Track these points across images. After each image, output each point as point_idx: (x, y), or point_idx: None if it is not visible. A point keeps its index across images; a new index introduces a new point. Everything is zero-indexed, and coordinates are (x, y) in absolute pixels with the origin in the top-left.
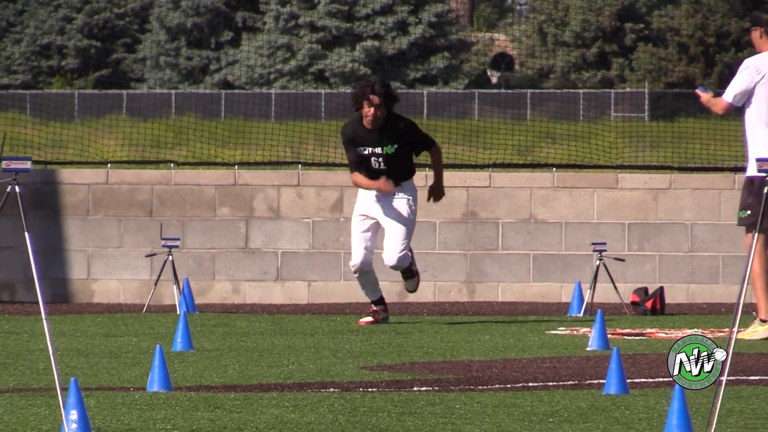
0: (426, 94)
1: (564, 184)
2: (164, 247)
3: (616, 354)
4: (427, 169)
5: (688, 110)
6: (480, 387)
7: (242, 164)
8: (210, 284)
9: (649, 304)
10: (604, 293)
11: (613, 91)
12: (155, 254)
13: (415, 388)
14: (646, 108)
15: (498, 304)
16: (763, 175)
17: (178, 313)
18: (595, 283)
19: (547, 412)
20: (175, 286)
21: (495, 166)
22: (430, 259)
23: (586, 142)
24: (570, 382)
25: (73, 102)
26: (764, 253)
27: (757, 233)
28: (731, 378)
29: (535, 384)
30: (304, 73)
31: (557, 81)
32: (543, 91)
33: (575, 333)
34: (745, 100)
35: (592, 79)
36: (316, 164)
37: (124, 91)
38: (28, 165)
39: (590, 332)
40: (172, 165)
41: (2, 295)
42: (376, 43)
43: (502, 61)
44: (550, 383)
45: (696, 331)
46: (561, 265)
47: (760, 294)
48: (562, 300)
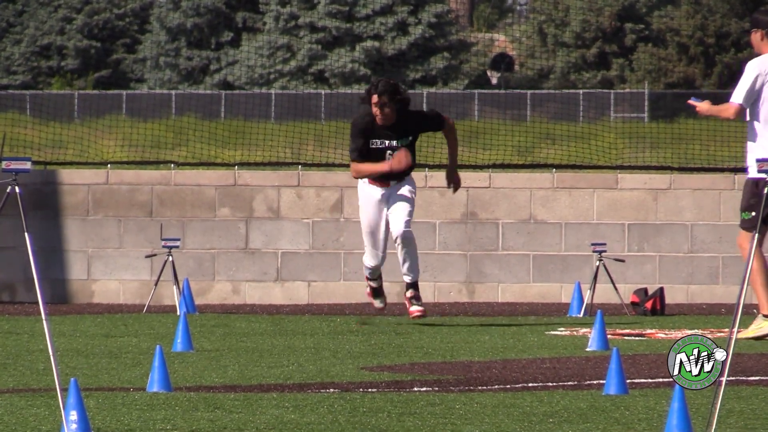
0: (426, 95)
1: (564, 185)
2: (164, 247)
3: (616, 354)
4: (427, 169)
5: (688, 111)
6: (480, 387)
7: (242, 165)
8: (210, 285)
9: (649, 305)
10: (604, 294)
11: (612, 91)
12: (155, 255)
13: (415, 389)
14: (646, 108)
15: (498, 305)
16: (763, 176)
17: (178, 313)
18: (595, 284)
19: (547, 413)
20: (175, 287)
21: (495, 166)
22: (430, 260)
23: (585, 142)
24: (570, 383)
25: (72, 102)
26: (761, 252)
27: (757, 234)
28: (731, 378)
29: (535, 384)
30: (304, 73)
31: (557, 81)
32: (543, 91)
33: (575, 333)
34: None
35: (592, 80)
36: (316, 165)
37: (124, 92)
38: (28, 165)
39: (590, 333)
40: (172, 165)
41: (2, 296)
42: (376, 44)
43: (502, 62)
44: (550, 384)
45: (696, 331)
46: (561, 266)
47: (760, 290)
48: (562, 300)
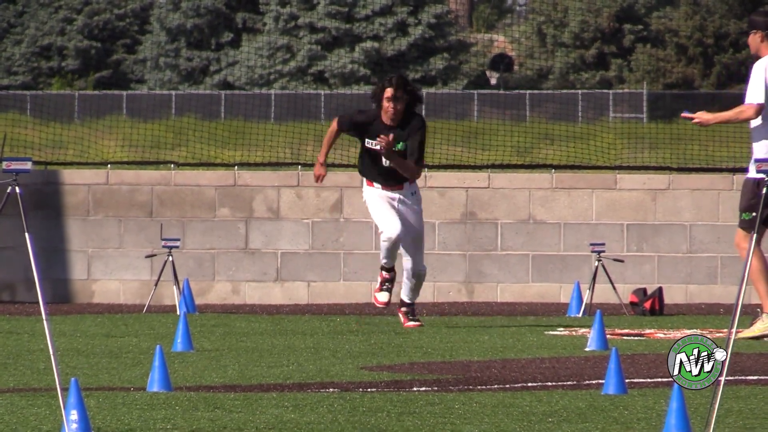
0: (425, 95)
1: (563, 185)
2: (164, 247)
3: (615, 354)
4: (426, 169)
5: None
6: (479, 387)
7: (242, 165)
8: (210, 285)
9: (648, 305)
10: (603, 294)
11: (611, 91)
12: (155, 255)
13: (415, 388)
14: (645, 109)
15: (497, 305)
16: (762, 176)
17: (178, 313)
18: (594, 284)
19: (546, 412)
20: (175, 287)
21: (494, 166)
22: (430, 260)
23: (584, 142)
24: (569, 383)
25: (73, 103)
26: (760, 251)
27: (755, 234)
28: (730, 378)
29: (534, 384)
30: (303, 74)
31: (556, 82)
32: (542, 91)
33: (574, 333)
34: None
35: (591, 80)
36: None
37: (124, 92)
38: (29, 166)
39: (589, 332)
40: (172, 166)
41: (3, 296)
42: (376, 44)
43: (501, 62)
44: (549, 383)
45: (695, 331)
46: (560, 266)
47: (762, 289)
48: (561, 300)
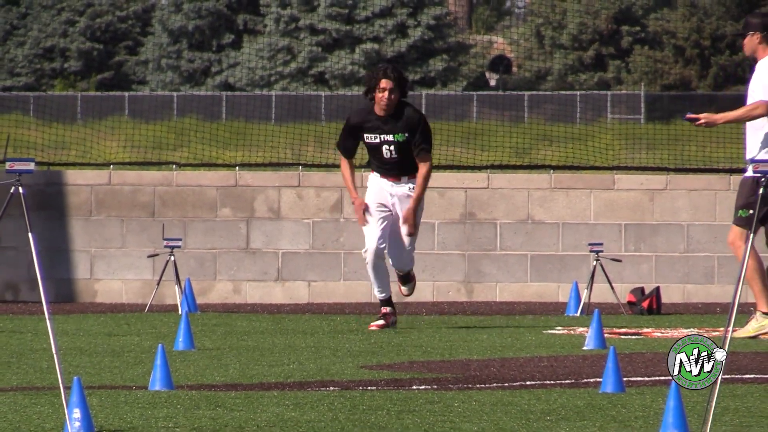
0: (425, 96)
1: (561, 185)
2: (166, 247)
3: (613, 353)
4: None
5: (683, 112)
6: (478, 385)
7: (243, 165)
8: (211, 284)
9: (646, 304)
10: (601, 293)
11: (609, 93)
12: (157, 254)
13: (414, 387)
14: (643, 110)
15: (496, 304)
16: (758, 176)
17: (180, 312)
18: (592, 283)
19: (545, 411)
20: (176, 286)
21: (493, 167)
22: (429, 260)
23: (583, 143)
24: (567, 381)
25: (75, 104)
26: (755, 250)
27: (753, 233)
28: (726, 377)
29: (533, 382)
30: (304, 75)
31: (554, 83)
32: (540, 93)
33: (572, 332)
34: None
35: (589, 81)
36: (316, 165)
37: (126, 93)
38: (32, 166)
39: (587, 331)
40: (174, 166)
41: (6, 295)
42: (376, 46)
43: (500, 64)
44: (548, 382)
45: (692, 330)
46: (558, 266)
47: (757, 288)
48: (560, 300)
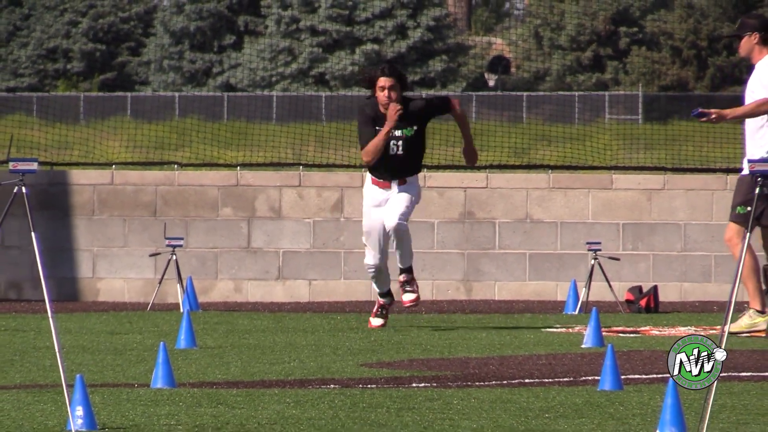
0: (424, 97)
1: (559, 185)
2: (168, 246)
3: (611, 351)
4: (425, 169)
5: (681, 112)
6: (477, 383)
7: (244, 165)
8: (213, 283)
9: (643, 303)
10: (599, 292)
11: (607, 93)
12: (159, 253)
13: (414, 385)
14: (640, 110)
15: (495, 303)
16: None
17: (182, 311)
18: (590, 282)
19: (543, 408)
20: (178, 285)
21: (492, 167)
22: (428, 259)
23: (581, 143)
24: (565, 379)
25: (78, 104)
26: (751, 248)
27: (749, 232)
28: (723, 374)
29: (531, 380)
30: (305, 75)
31: (553, 84)
32: (539, 93)
33: (570, 330)
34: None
35: (587, 82)
36: (317, 165)
37: (129, 94)
38: (35, 166)
39: (585, 330)
40: (176, 166)
41: (9, 294)
42: (376, 47)
43: (499, 64)
44: (546, 380)
45: (689, 328)
46: (556, 264)
47: (752, 286)
48: (558, 298)
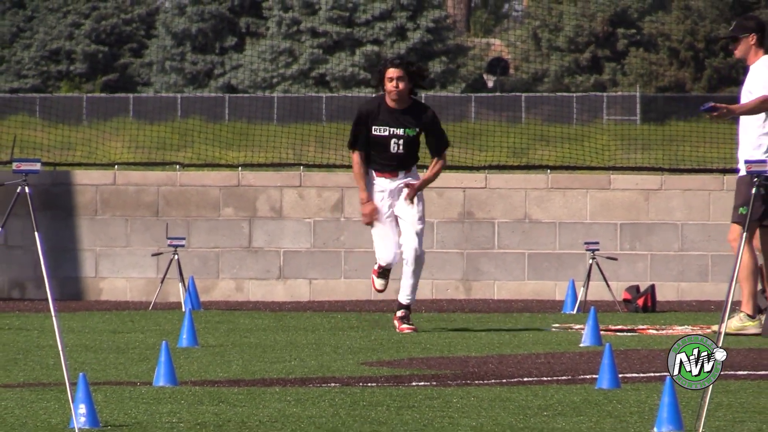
0: (424, 98)
1: (558, 185)
2: (170, 246)
3: (609, 350)
4: (425, 170)
5: (678, 113)
6: (476, 382)
7: (246, 166)
8: (214, 282)
9: (641, 302)
10: (597, 291)
11: (605, 94)
12: (161, 253)
13: (414, 383)
14: (638, 111)
15: (494, 302)
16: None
17: (184, 310)
18: (588, 282)
19: (542, 406)
20: (180, 284)
21: (491, 167)
22: (428, 258)
23: (579, 144)
24: (564, 377)
25: (81, 105)
26: (752, 249)
27: (745, 232)
28: (720, 373)
29: (530, 379)
30: (305, 77)
31: (551, 85)
32: (537, 94)
33: (569, 330)
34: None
35: (585, 83)
36: (318, 166)
37: (131, 95)
38: (38, 166)
39: (583, 329)
40: (178, 166)
41: (13, 293)
42: (376, 48)
43: (498, 66)
44: (545, 378)
45: (686, 327)
46: (555, 264)
47: (747, 290)
48: (556, 298)
